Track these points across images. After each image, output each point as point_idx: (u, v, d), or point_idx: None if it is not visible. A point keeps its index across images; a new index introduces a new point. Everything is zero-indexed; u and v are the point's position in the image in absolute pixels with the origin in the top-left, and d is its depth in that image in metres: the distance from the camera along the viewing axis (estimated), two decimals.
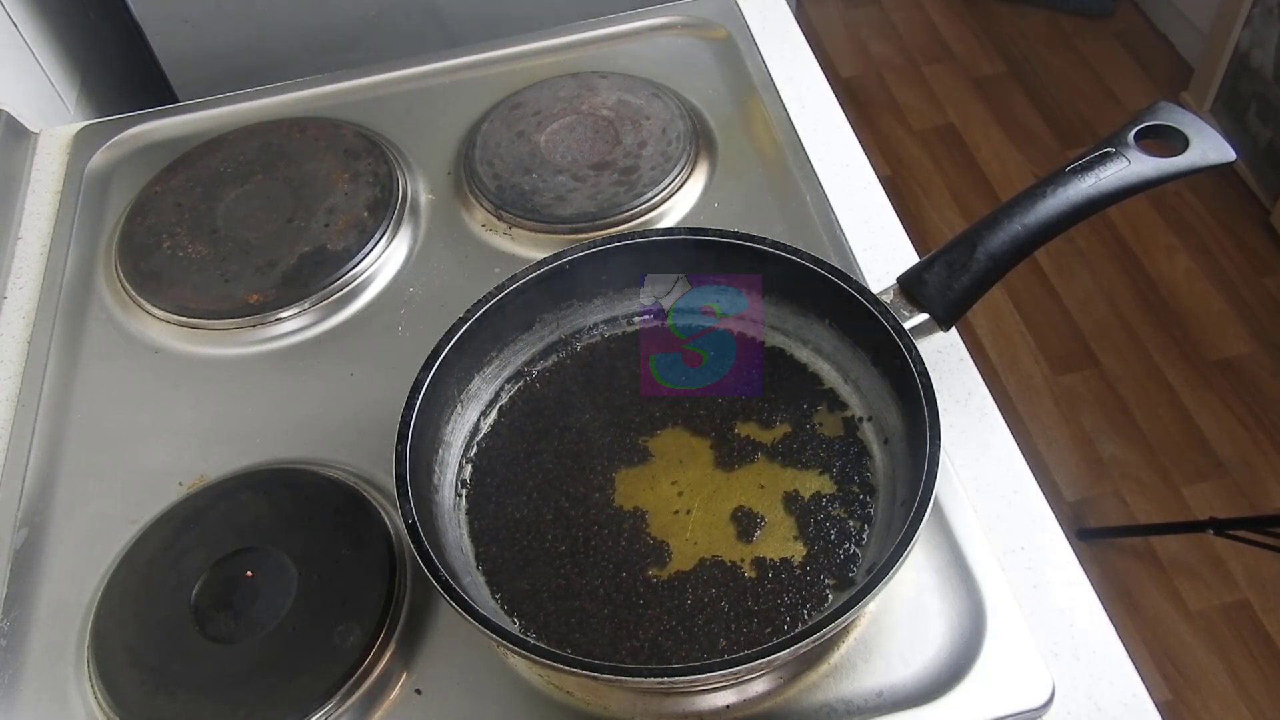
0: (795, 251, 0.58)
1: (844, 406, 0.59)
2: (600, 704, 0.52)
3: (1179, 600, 1.45)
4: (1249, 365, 1.68)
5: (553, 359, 0.63)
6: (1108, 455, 1.60)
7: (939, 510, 0.57)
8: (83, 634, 0.56)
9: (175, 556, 0.57)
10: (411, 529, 0.49)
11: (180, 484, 0.62)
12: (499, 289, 0.59)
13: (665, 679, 0.45)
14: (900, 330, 0.54)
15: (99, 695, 0.53)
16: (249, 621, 0.54)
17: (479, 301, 0.58)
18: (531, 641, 0.46)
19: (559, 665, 0.45)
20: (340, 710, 0.52)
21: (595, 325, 0.64)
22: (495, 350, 0.61)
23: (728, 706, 0.51)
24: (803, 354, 0.62)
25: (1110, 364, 1.70)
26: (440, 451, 0.57)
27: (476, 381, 0.60)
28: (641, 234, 0.61)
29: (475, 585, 0.53)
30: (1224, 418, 1.63)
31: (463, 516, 0.57)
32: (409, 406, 0.53)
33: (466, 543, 0.56)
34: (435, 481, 0.56)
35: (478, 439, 0.60)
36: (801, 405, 0.59)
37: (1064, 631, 0.53)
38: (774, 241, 0.58)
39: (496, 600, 0.53)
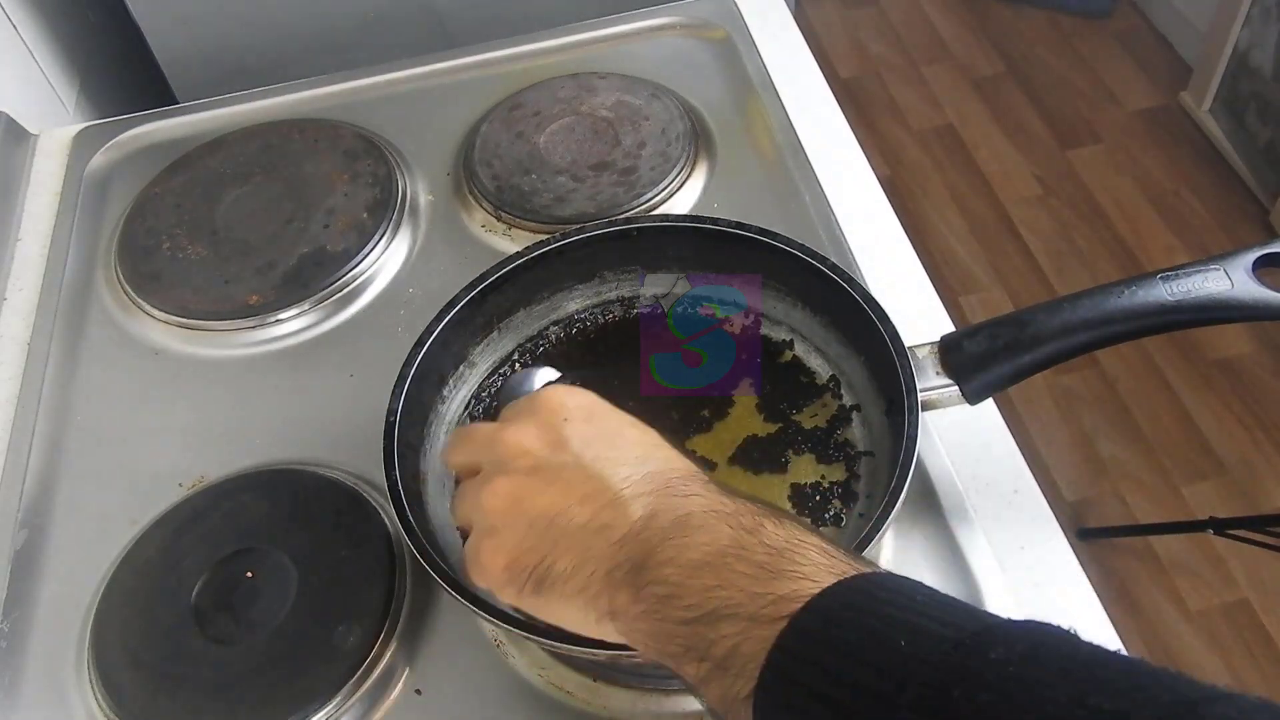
0: (811, 252, 0.58)
1: (837, 402, 0.59)
2: (600, 703, 0.52)
3: (1179, 600, 1.45)
4: (1249, 365, 1.69)
5: (542, 349, 0.63)
6: (1108, 455, 1.60)
7: (939, 510, 0.57)
8: (83, 635, 0.56)
9: (175, 558, 0.57)
10: (396, 498, 0.49)
11: (180, 485, 0.62)
12: (481, 278, 0.59)
13: None
14: (901, 350, 0.53)
15: (99, 696, 0.53)
16: (249, 622, 0.54)
17: (472, 283, 0.59)
18: (528, 621, 0.45)
19: (559, 644, 0.45)
20: (341, 710, 0.52)
21: (587, 311, 0.64)
22: (485, 334, 0.61)
23: None
24: (799, 349, 0.62)
25: (1110, 364, 1.70)
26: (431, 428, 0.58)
27: (472, 357, 0.61)
28: (640, 219, 0.61)
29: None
30: (1224, 418, 1.63)
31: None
32: (401, 377, 0.54)
33: (456, 529, 0.56)
34: (423, 469, 0.56)
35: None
36: (799, 400, 0.60)
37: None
38: (785, 238, 0.58)
39: None
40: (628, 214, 0.72)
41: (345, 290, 0.71)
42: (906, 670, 0.30)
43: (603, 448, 0.40)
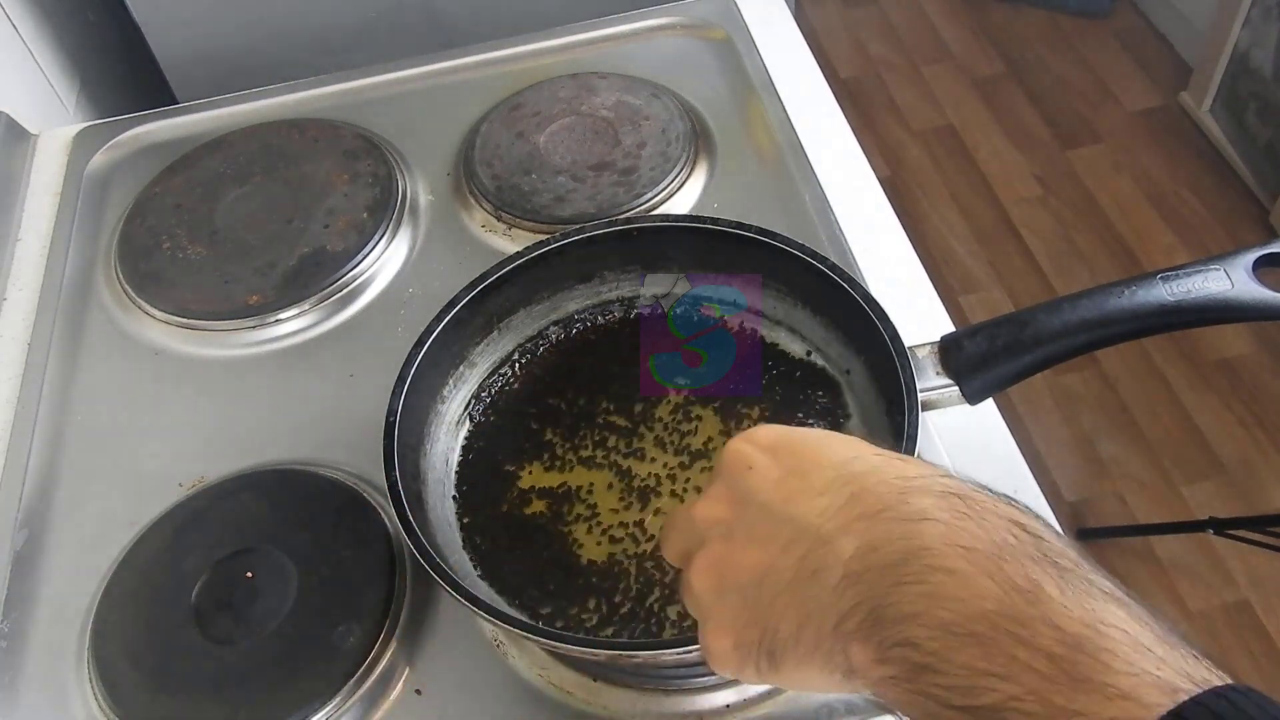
0: (812, 253, 0.58)
1: (838, 402, 0.59)
2: (600, 703, 0.52)
3: (1179, 600, 1.45)
4: (1249, 365, 1.69)
5: (542, 349, 0.63)
6: (1108, 455, 1.60)
7: None
8: (83, 635, 0.56)
9: (175, 558, 0.57)
10: (396, 498, 0.49)
11: (180, 485, 0.62)
12: (484, 276, 0.59)
13: (671, 650, 0.44)
14: (901, 350, 0.53)
15: (99, 696, 0.53)
16: (249, 622, 0.54)
17: (471, 284, 0.59)
18: (529, 622, 0.46)
19: (559, 645, 0.45)
20: (340, 710, 0.52)
21: (586, 311, 0.64)
22: (485, 334, 0.62)
23: (728, 706, 0.51)
24: (799, 349, 0.62)
25: (1110, 364, 1.70)
26: (431, 428, 0.58)
27: (472, 357, 0.61)
28: (640, 219, 0.61)
29: (463, 564, 0.54)
30: (1224, 418, 1.63)
31: (451, 503, 0.57)
32: (401, 377, 0.54)
33: (456, 529, 0.56)
34: (423, 469, 0.56)
35: (477, 408, 0.60)
36: (797, 399, 0.60)
37: None
38: (785, 238, 0.58)
39: (484, 581, 0.54)
40: (628, 214, 0.72)
41: (345, 290, 0.71)
42: None
43: (793, 483, 0.34)
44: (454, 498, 0.57)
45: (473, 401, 0.61)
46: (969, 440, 0.61)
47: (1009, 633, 0.27)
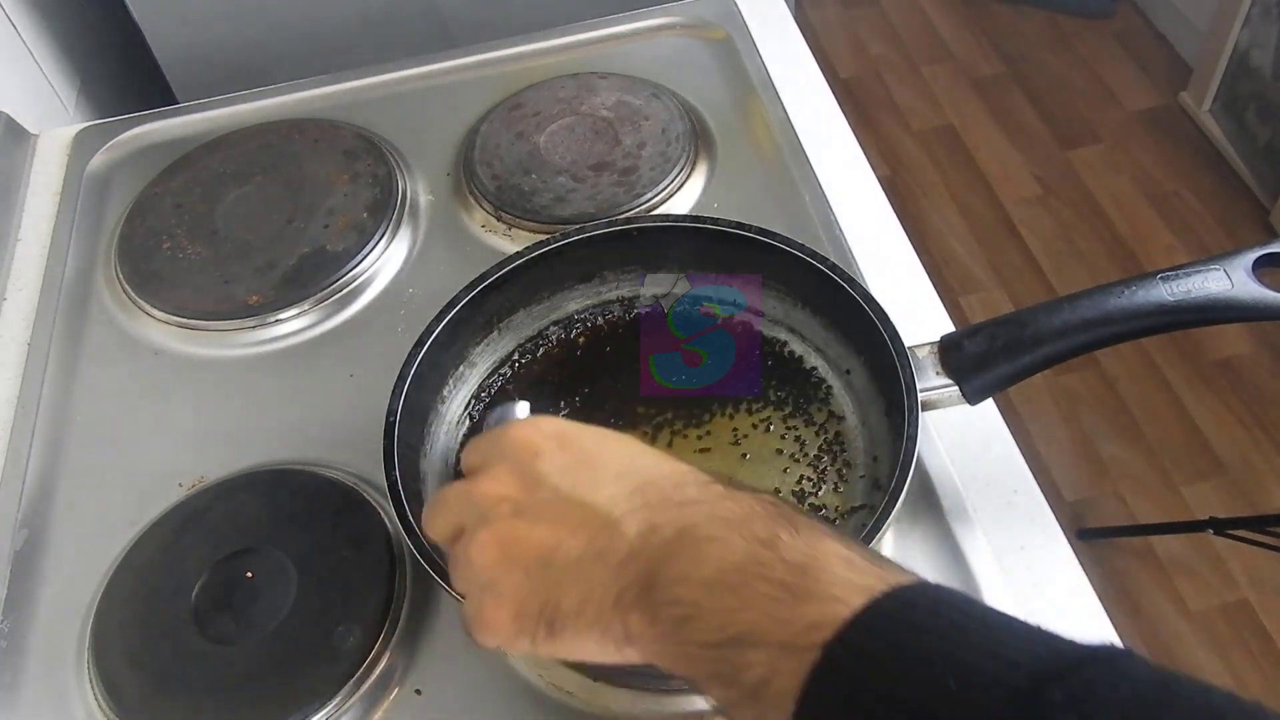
0: (812, 253, 0.58)
1: (836, 402, 0.59)
2: (600, 703, 0.52)
3: (1179, 600, 1.45)
4: (1249, 365, 1.69)
5: (542, 349, 0.63)
6: (1108, 455, 1.60)
7: (939, 510, 0.57)
8: (83, 635, 0.56)
9: (175, 558, 0.57)
10: (396, 498, 0.49)
11: (180, 485, 0.62)
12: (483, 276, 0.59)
13: None
14: (901, 350, 0.53)
15: (99, 697, 0.53)
16: (249, 622, 0.54)
17: (474, 281, 0.59)
18: None
19: None
20: (340, 710, 0.52)
21: (586, 311, 0.64)
22: (485, 334, 0.62)
23: None
24: (799, 349, 0.62)
25: (1110, 364, 1.70)
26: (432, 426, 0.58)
27: (472, 357, 0.61)
28: (640, 219, 0.61)
29: None
30: (1224, 418, 1.63)
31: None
32: (401, 377, 0.54)
33: None
34: (423, 469, 0.56)
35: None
36: (798, 400, 0.60)
37: (1064, 632, 0.53)
38: (785, 238, 0.58)
39: None
40: (628, 214, 0.72)
41: (345, 290, 0.71)
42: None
43: (583, 473, 0.38)
44: None
45: (473, 401, 0.61)
46: (969, 440, 0.61)
47: (754, 574, 0.33)
